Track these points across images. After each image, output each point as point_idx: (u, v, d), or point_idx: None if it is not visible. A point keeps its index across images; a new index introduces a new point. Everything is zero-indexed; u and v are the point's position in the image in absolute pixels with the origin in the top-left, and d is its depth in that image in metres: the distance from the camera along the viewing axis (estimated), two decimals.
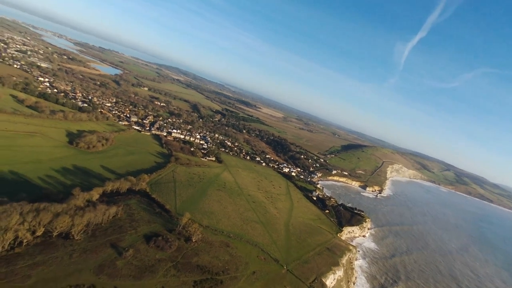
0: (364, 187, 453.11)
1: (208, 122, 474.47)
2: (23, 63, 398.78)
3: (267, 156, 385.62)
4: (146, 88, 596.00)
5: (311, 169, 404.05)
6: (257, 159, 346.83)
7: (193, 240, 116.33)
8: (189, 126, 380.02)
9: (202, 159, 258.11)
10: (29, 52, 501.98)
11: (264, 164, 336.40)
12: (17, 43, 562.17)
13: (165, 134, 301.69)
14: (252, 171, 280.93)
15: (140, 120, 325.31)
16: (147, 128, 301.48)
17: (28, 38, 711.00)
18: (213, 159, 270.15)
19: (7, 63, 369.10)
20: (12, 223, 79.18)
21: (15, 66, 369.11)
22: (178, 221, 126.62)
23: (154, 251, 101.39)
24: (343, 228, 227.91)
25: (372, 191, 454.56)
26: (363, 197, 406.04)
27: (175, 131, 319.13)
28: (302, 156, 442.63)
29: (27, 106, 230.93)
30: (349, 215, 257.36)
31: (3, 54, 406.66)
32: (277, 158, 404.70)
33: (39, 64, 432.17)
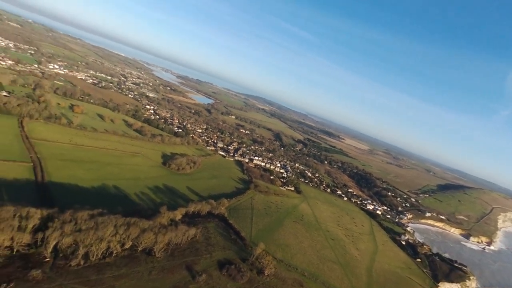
0: (466, 236, 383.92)
1: (289, 151, 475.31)
2: (135, 93, 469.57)
3: (349, 190, 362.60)
4: (233, 117, 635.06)
5: (399, 208, 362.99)
6: (338, 192, 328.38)
7: (266, 274, 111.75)
8: (271, 154, 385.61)
9: (281, 188, 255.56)
10: (141, 84, 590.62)
11: (345, 198, 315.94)
12: (133, 77, 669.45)
13: (247, 160, 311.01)
14: (332, 204, 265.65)
15: (225, 146, 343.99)
16: (231, 154, 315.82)
17: (142, 72, 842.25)
18: (292, 189, 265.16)
19: (124, 93, 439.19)
20: (107, 234, 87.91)
21: (129, 95, 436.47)
22: (252, 250, 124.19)
23: (225, 280, 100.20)
24: (439, 284, 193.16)
25: (478, 242, 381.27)
26: (465, 248, 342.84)
27: (256, 158, 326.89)
28: (389, 193, 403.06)
29: (134, 130, 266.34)
30: (447, 269, 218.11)
31: (122, 86, 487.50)
32: (360, 193, 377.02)
33: (147, 94, 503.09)
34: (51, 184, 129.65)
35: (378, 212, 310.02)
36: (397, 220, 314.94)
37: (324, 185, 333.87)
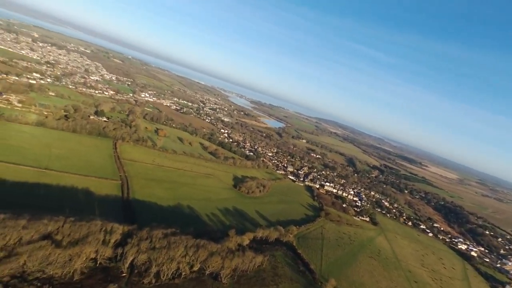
0: None
1: (363, 177, 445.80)
2: (212, 118, 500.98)
3: (435, 225, 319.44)
4: (304, 140, 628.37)
5: (501, 251, 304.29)
6: (422, 227, 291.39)
7: None
8: (343, 181, 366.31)
9: (355, 218, 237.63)
10: (217, 110, 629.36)
11: (430, 234, 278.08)
12: (211, 103, 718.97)
13: (317, 186, 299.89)
14: (414, 240, 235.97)
15: (295, 170, 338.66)
16: (301, 179, 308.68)
17: (219, 99, 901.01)
18: (367, 219, 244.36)
19: (202, 118, 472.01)
20: (178, 255, 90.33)
21: (206, 120, 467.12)
22: (321, 286, 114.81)
23: None
24: None
25: None
26: None
27: (328, 184, 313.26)
28: (486, 232, 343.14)
29: (209, 152, 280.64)
30: None
31: (201, 111, 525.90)
32: (448, 229, 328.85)
33: (223, 118, 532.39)
34: (135, 201, 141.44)
35: (473, 253, 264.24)
36: (498, 265, 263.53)
37: (404, 217, 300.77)
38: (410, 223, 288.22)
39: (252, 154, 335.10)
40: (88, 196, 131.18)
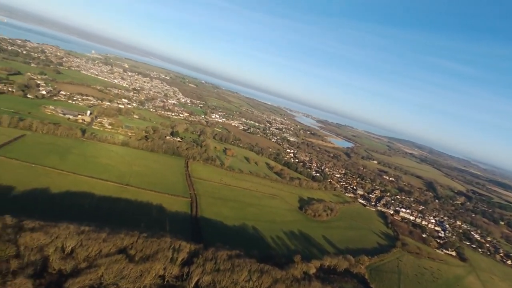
0: None
1: (446, 204, 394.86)
2: (278, 137, 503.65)
3: None
4: (375, 161, 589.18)
5: None
6: None
7: None
8: (421, 207, 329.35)
9: (437, 251, 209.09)
10: (283, 129, 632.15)
11: None
12: (277, 122, 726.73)
13: (391, 212, 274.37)
14: None
15: (366, 193, 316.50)
16: (373, 203, 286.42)
17: (285, 118, 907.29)
18: (453, 254, 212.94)
19: (268, 137, 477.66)
20: (241, 279, 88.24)
21: (272, 140, 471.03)
22: None
23: None
24: None
25: None
26: None
27: (403, 210, 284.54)
28: None
29: (274, 172, 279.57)
30: None
31: (267, 131, 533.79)
32: None
33: (289, 138, 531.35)
34: (202, 219, 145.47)
35: None
36: None
37: (501, 254, 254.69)
38: (509, 262, 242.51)
39: (318, 175, 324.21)
40: (160, 212, 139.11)
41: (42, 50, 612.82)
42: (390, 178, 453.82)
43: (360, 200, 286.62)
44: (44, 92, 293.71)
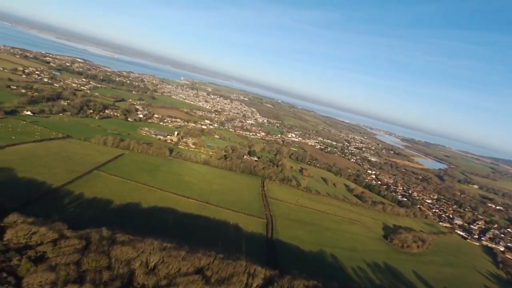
0: None
1: None
2: (358, 157, 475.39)
3: None
4: (475, 186, 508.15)
5: None
6: None
7: None
8: None
9: None
10: (363, 149, 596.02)
11: None
12: (356, 141, 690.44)
13: (501, 248, 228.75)
14: None
15: (466, 224, 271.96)
16: (475, 236, 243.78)
17: (365, 137, 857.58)
18: None
19: (347, 157, 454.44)
20: None
21: (352, 160, 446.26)
22: None
23: None
24: None
25: None
26: None
27: None
28: None
29: (354, 195, 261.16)
30: None
31: (346, 151, 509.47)
32: None
33: (369, 158, 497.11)
34: (277, 242, 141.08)
35: None
36: None
37: None
38: None
39: (405, 199, 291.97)
40: (237, 232, 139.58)
41: (141, 79, 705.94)
42: (497, 207, 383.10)
43: (459, 232, 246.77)
44: (141, 116, 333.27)
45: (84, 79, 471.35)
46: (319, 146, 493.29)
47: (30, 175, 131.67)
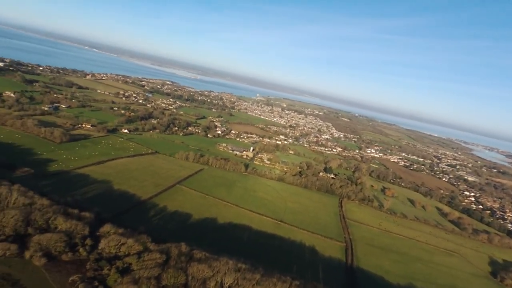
0: None
1: None
2: (451, 176, 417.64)
3: None
4: None
5: None
6: None
7: None
8: None
9: None
10: (457, 166, 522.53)
11: None
12: (448, 158, 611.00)
13: None
14: None
15: None
16: None
17: (459, 153, 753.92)
18: None
19: (437, 176, 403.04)
20: None
21: (443, 179, 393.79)
22: None
23: None
24: None
25: None
26: None
27: None
28: None
29: (449, 221, 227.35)
30: None
31: (435, 168, 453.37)
32: None
33: (466, 177, 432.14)
34: (358, 271, 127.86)
35: None
36: None
37: None
38: None
39: None
40: (313, 255, 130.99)
41: (220, 97, 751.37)
42: None
43: None
44: (219, 132, 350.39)
45: (171, 99, 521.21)
46: (403, 162, 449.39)
47: (123, 187, 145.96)
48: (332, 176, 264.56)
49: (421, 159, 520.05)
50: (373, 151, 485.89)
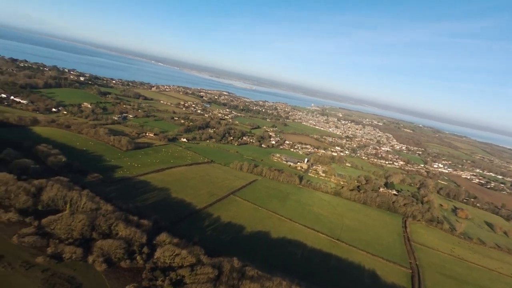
0: None
1: None
2: None
3: None
4: None
5: None
6: None
7: None
8: None
9: None
10: None
11: None
12: None
13: None
14: None
15: None
16: None
17: None
18: None
19: None
20: None
21: None
22: None
23: None
24: None
25: None
26: None
27: None
28: None
29: None
30: None
31: None
32: None
33: None
34: None
35: None
36: None
37: None
38: None
39: None
40: (374, 281, 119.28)
41: (275, 107, 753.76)
42: None
43: None
44: (273, 142, 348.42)
45: (227, 109, 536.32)
46: (477, 180, 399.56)
47: (180, 196, 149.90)
48: (394, 192, 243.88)
49: (500, 176, 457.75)
50: (441, 166, 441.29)
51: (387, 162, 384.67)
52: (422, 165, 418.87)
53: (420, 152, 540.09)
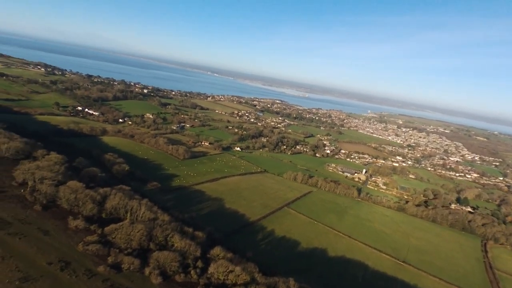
0: None
1: None
2: None
3: None
4: None
5: None
6: None
7: None
8: None
9: None
10: None
11: None
12: None
13: None
14: None
15: None
16: None
17: None
18: None
19: None
20: None
21: None
22: None
23: None
24: None
25: None
26: None
27: None
28: None
29: None
30: None
31: None
32: None
33: None
34: None
35: None
36: None
37: None
38: None
39: None
40: None
41: (329, 115, 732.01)
42: None
43: None
44: (328, 151, 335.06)
45: (280, 118, 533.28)
46: None
47: (234, 206, 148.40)
48: (469, 209, 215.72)
49: None
50: None
51: (457, 174, 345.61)
52: (501, 178, 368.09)
53: (498, 163, 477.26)
